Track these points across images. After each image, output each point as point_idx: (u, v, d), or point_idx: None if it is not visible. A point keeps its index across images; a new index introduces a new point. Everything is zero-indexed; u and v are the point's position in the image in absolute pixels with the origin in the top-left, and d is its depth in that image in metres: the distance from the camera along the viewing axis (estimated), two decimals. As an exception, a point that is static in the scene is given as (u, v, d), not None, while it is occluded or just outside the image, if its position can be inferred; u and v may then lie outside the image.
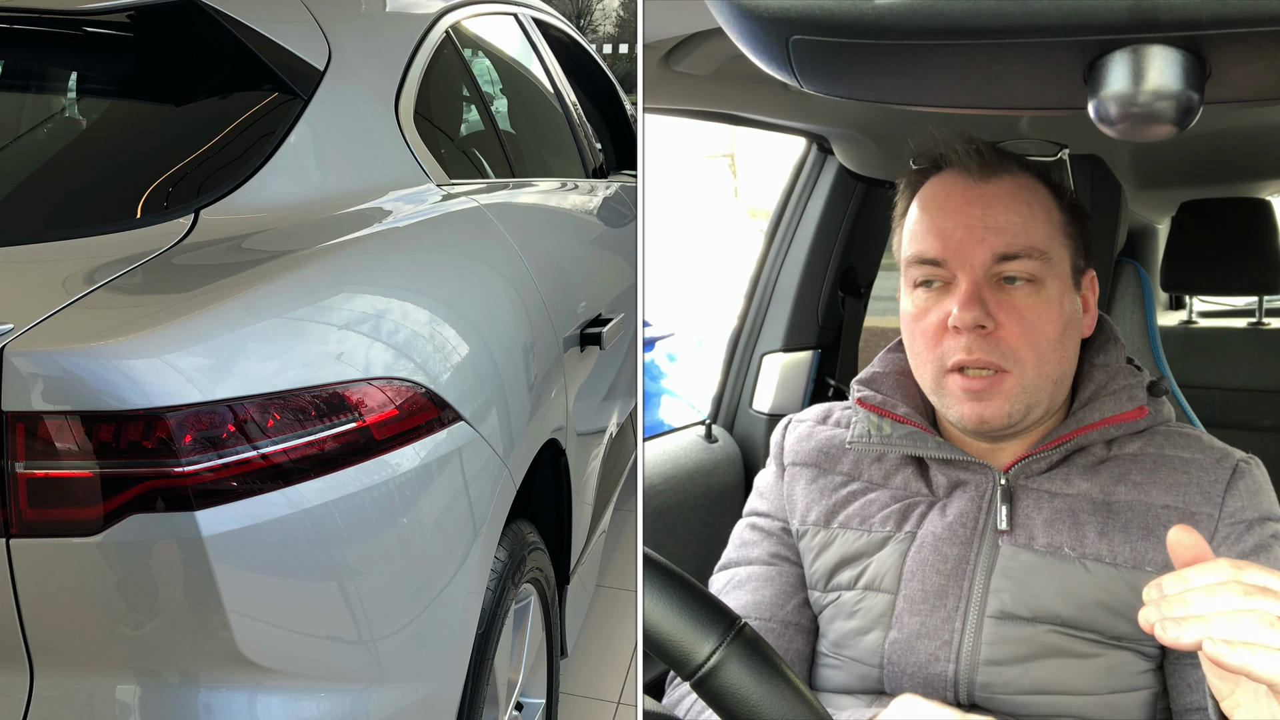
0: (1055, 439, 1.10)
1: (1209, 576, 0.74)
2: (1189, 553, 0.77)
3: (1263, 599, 0.72)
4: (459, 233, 1.47)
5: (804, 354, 2.15)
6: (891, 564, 1.12)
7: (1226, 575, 0.73)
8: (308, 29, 1.40)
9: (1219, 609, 0.72)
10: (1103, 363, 1.14)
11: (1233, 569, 0.74)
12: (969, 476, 1.13)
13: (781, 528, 1.23)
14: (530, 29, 2.35)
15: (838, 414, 1.27)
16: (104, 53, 1.37)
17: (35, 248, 1.07)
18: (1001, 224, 1.06)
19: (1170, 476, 1.08)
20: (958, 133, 1.11)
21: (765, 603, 1.19)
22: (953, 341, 1.06)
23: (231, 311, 1.01)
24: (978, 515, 1.11)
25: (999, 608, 1.07)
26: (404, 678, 1.12)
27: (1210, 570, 0.74)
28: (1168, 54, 0.64)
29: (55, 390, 0.89)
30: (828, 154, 2.08)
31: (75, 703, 0.96)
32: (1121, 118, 0.66)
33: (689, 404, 2.74)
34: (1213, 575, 0.74)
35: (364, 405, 1.06)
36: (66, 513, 0.91)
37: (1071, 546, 1.06)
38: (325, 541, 1.02)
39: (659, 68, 1.51)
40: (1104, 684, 1.05)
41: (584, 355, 1.79)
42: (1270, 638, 0.70)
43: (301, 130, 1.28)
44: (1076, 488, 1.09)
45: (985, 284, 1.05)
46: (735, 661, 0.75)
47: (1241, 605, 0.72)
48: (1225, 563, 0.74)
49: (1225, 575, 0.73)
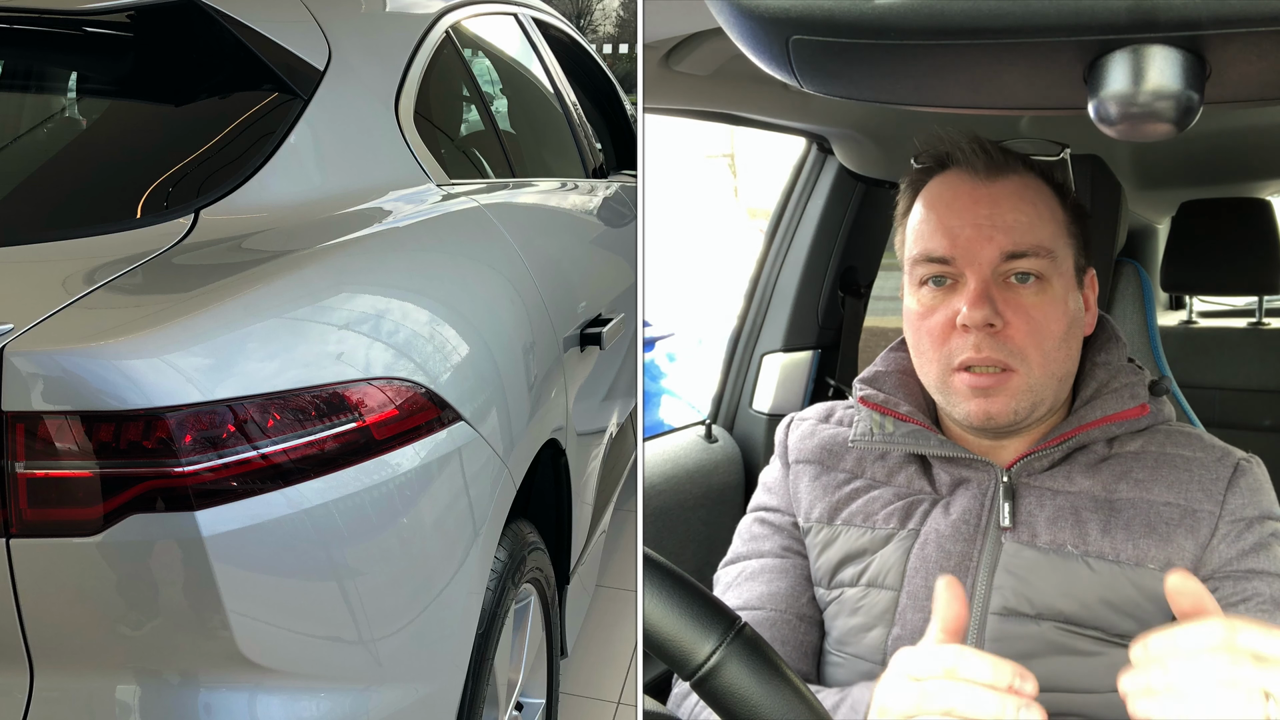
0: (1057, 436, 1.10)
1: (1200, 639, 0.68)
2: (1187, 601, 0.73)
3: (1252, 668, 0.66)
4: (459, 233, 1.47)
5: (804, 354, 2.15)
6: (895, 561, 1.12)
7: (1217, 639, 0.67)
8: (308, 29, 1.40)
9: (1200, 681, 0.67)
10: (1104, 361, 1.15)
11: (1226, 631, 0.68)
12: (971, 474, 1.13)
13: (791, 523, 1.23)
14: (530, 29, 2.35)
15: (840, 412, 1.27)
16: (104, 53, 1.37)
17: (35, 248, 1.07)
18: (1009, 222, 1.06)
19: (1172, 474, 1.08)
20: (963, 131, 1.11)
21: (781, 594, 1.19)
22: (961, 340, 1.06)
23: (231, 311, 1.01)
24: (980, 512, 1.11)
25: (1002, 604, 1.07)
26: (404, 678, 1.12)
27: (1201, 632, 0.68)
28: (1168, 54, 0.64)
29: (55, 390, 0.89)
30: (828, 154, 2.08)
31: (75, 703, 0.96)
32: (1121, 118, 0.66)
33: (689, 404, 2.74)
34: (1203, 639, 0.68)
35: (364, 405, 1.06)
36: (66, 513, 0.91)
37: (1074, 544, 1.07)
38: (325, 541, 1.02)
39: (659, 68, 1.51)
40: (1106, 682, 1.05)
41: (584, 355, 1.79)
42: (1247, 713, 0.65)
43: (301, 130, 1.28)
44: (1079, 485, 1.10)
45: (993, 282, 1.06)
46: (735, 661, 0.75)
47: (1225, 677, 0.66)
48: (1219, 624, 0.68)
49: (1216, 639, 0.67)
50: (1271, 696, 0.66)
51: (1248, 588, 1.03)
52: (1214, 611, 0.72)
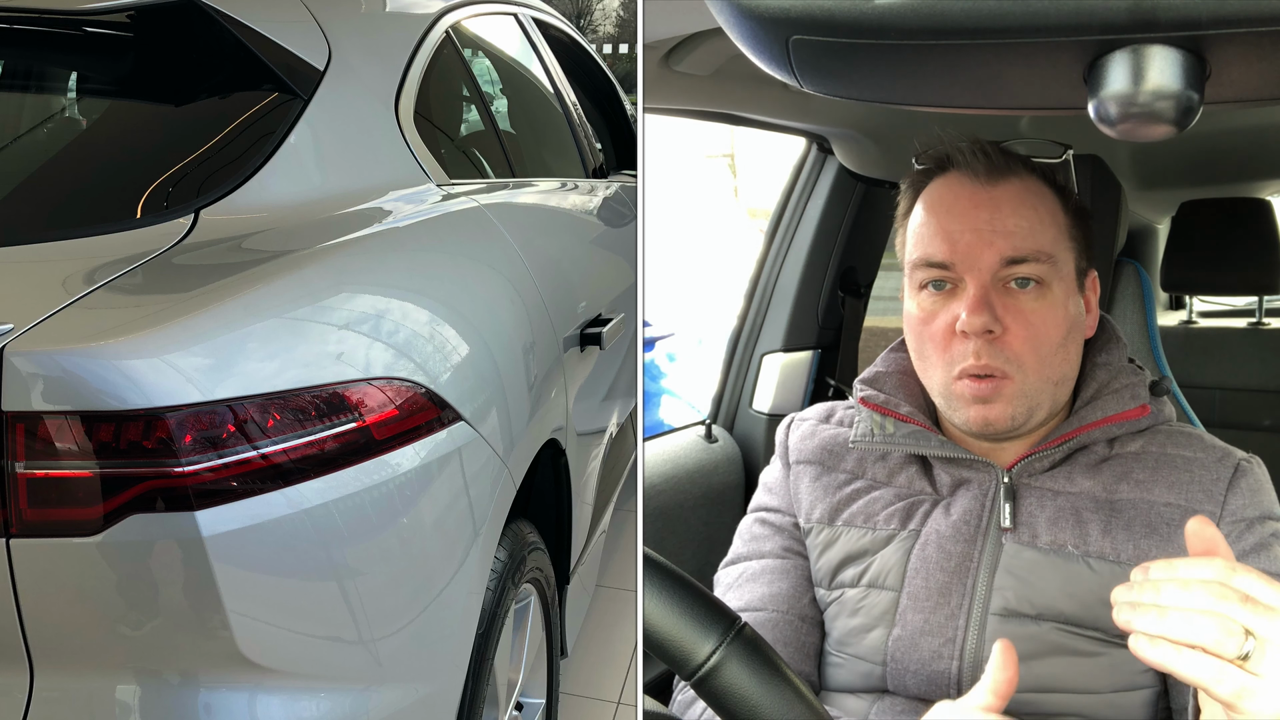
0: (1058, 437, 1.10)
1: (1197, 571, 0.70)
2: (1202, 544, 0.73)
3: (1238, 606, 0.67)
4: (459, 233, 1.47)
5: (804, 354, 2.15)
6: (895, 561, 1.12)
7: (1215, 574, 0.69)
8: (308, 29, 1.40)
9: (1184, 605, 0.68)
10: (1105, 362, 1.14)
11: (1226, 569, 0.69)
12: (972, 475, 1.13)
13: (792, 523, 1.23)
14: (530, 29, 2.35)
15: (840, 413, 1.27)
16: (104, 53, 1.37)
17: (35, 248, 1.07)
18: (1009, 227, 1.05)
19: (1172, 475, 1.08)
20: (964, 133, 1.10)
21: (782, 595, 1.19)
22: (961, 346, 1.06)
23: (231, 311, 1.01)
24: (981, 513, 1.11)
25: (1003, 605, 1.07)
26: (404, 678, 1.12)
27: (1201, 565, 0.70)
28: (1168, 54, 0.64)
29: (55, 390, 0.89)
30: (828, 154, 2.08)
31: (75, 703, 0.96)
32: (1121, 118, 0.66)
33: (689, 404, 2.74)
34: (1201, 571, 0.70)
35: (364, 405, 1.06)
36: (66, 513, 0.91)
37: (1075, 544, 1.06)
38: (325, 541, 1.02)
39: (659, 68, 1.51)
40: (1107, 682, 1.05)
41: (584, 355, 1.79)
42: (1223, 644, 0.67)
43: (301, 130, 1.28)
44: (1079, 486, 1.10)
45: (992, 288, 1.05)
46: (735, 661, 0.75)
47: (1210, 606, 0.68)
48: (1222, 562, 0.70)
49: (1214, 573, 0.69)
50: (1252, 635, 0.67)
51: (1248, 588, 1.02)
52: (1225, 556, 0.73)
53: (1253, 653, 0.67)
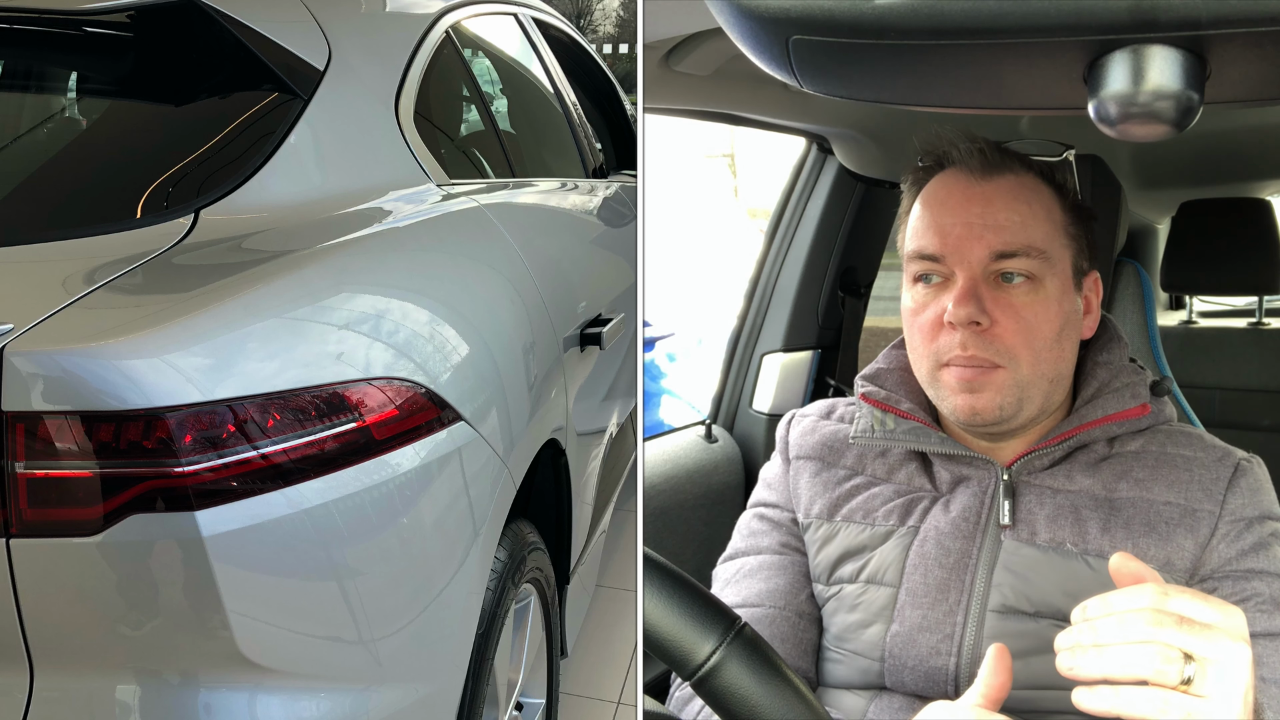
0: (1058, 435, 1.10)
1: (1130, 601, 0.71)
2: (1130, 579, 0.75)
3: (1174, 630, 0.68)
4: (459, 233, 1.47)
5: (804, 354, 2.15)
6: (894, 558, 1.12)
7: (1148, 600, 0.70)
8: (308, 29, 1.40)
9: (1121, 638, 0.69)
10: (1106, 361, 1.15)
11: (1158, 594, 0.70)
12: (972, 472, 1.13)
13: (791, 519, 1.23)
14: (530, 29, 2.35)
15: (841, 409, 1.27)
16: (104, 53, 1.37)
17: (35, 248, 1.07)
18: (1000, 222, 1.06)
19: (1172, 474, 1.08)
20: (962, 131, 1.11)
21: (780, 590, 1.19)
22: (948, 338, 1.07)
23: (231, 311, 1.01)
24: (980, 510, 1.11)
25: (1001, 602, 1.07)
26: (404, 678, 1.12)
27: (1134, 594, 0.71)
28: (1168, 54, 0.64)
29: (55, 390, 0.89)
30: (828, 154, 2.08)
31: (75, 703, 0.96)
32: (1121, 118, 0.66)
33: (689, 404, 2.74)
34: (1134, 600, 0.71)
35: (364, 405, 1.06)
36: (66, 513, 0.91)
37: (1074, 542, 1.07)
38: (325, 541, 1.02)
39: (659, 68, 1.51)
40: (1104, 681, 1.05)
41: (584, 355, 1.79)
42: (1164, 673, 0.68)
43: (301, 130, 1.28)
44: (1079, 484, 1.10)
45: (982, 281, 1.06)
46: (735, 661, 0.75)
47: (1146, 635, 0.68)
48: (1153, 587, 0.71)
49: (1147, 600, 0.70)
50: (1193, 659, 0.68)
51: (1247, 588, 1.03)
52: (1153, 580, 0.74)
53: (1195, 676, 0.68)
